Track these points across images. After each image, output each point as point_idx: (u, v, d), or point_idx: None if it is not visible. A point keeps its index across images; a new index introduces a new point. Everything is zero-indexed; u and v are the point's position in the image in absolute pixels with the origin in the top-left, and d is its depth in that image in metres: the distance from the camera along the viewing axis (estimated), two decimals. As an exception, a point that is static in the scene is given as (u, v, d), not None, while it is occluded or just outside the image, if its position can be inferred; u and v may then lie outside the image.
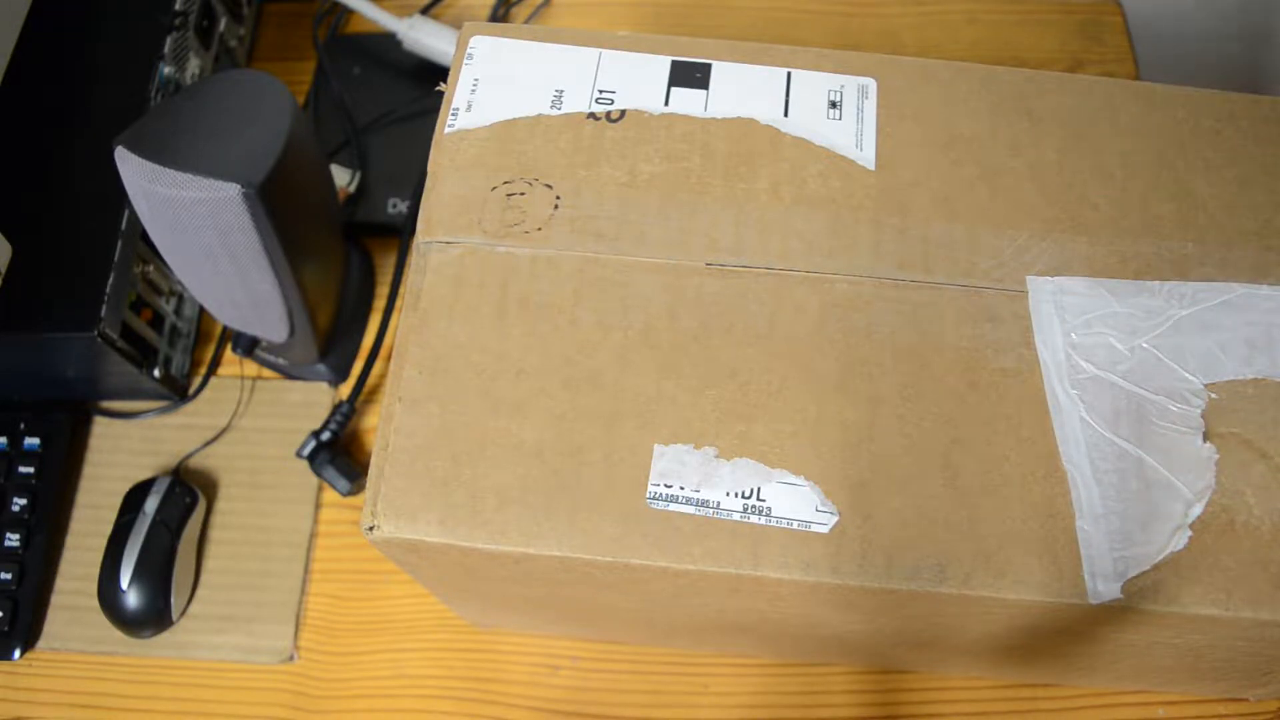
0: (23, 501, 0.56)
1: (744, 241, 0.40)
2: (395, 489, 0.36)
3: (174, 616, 0.55)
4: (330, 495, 0.58)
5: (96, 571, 0.54)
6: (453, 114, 0.42)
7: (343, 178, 0.64)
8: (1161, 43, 0.74)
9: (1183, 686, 0.51)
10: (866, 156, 0.42)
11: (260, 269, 0.49)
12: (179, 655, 0.55)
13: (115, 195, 0.52)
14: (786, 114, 0.42)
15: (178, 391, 0.60)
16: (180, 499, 0.55)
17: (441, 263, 0.40)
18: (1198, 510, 0.36)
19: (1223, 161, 0.42)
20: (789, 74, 0.43)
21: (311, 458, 0.57)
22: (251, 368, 0.61)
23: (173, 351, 0.59)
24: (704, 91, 0.43)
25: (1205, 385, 0.38)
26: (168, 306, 0.59)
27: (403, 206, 0.64)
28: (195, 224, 0.46)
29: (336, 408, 0.58)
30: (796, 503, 0.36)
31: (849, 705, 0.53)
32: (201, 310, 0.63)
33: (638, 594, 0.40)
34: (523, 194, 0.41)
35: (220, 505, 0.58)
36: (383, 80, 0.68)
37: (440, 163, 0.42)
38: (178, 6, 0.59)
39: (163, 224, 0.48)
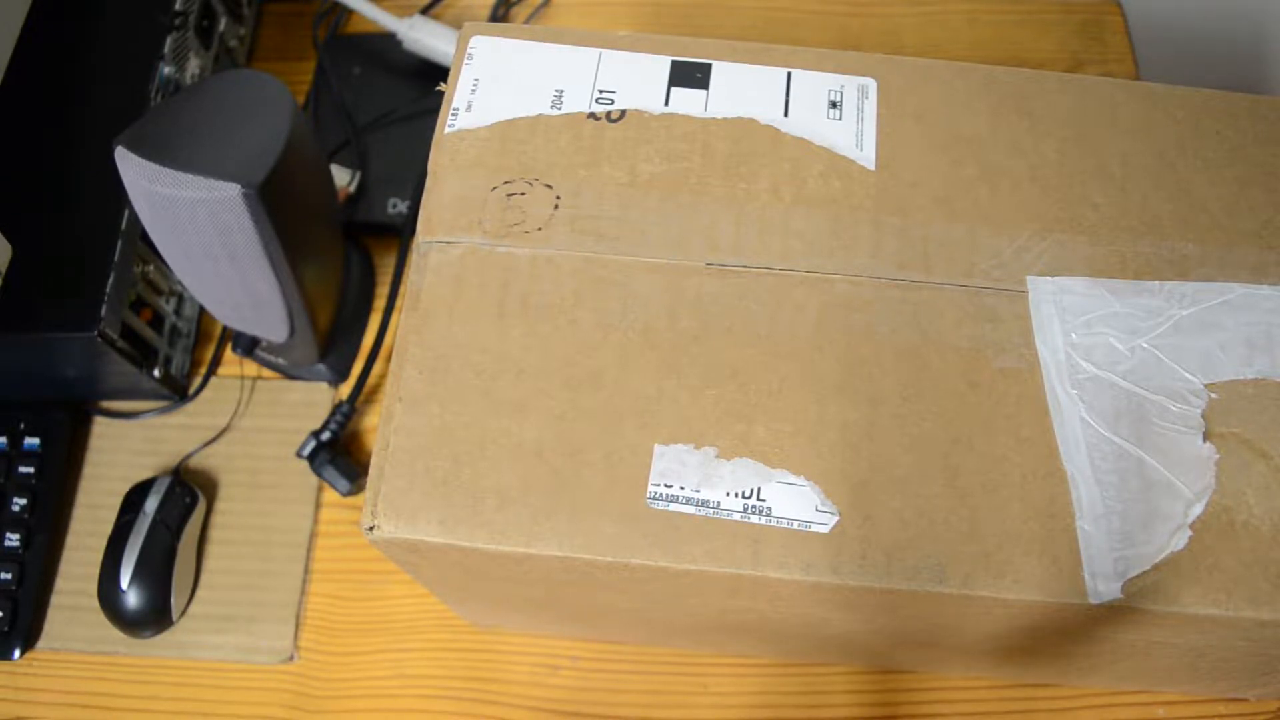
0: (23, 501, 0.56)
1: (744, 242, 0.40)
2: (395, 489, 0.36)
3: (174, 616, 0.55)
4: (330, 495, 0.58)
5: (96, 571, 0.54)
6: (453, 114, 0.42)
7: (343, 178, 0.64)
8: (1161, 43, 0.74)
9: (1183, 686, 0.51)
10: (866, 156, 0.42)
11: (260, 269, 0.49)
12: (179, 655, 0.55)
13: (115, 195, 0.52)
14: (786, 114, 0.42)
15: (178, 391, 0.60)
16: (180, 499, 0.55)
17: (441, 263, 0.40)
18: (1198, 510, 0.36)
19: (1223, 161, 0.42)
20: (789, 74, 0.43)
21: (311, 458, 0.57)
22: (251, 368, 0.61)
23: (173, 351, 0.59)
24: (704, 91, 0.43)
25: (1205, 385, 0.38)
26: (168, 306, 0.59)
27: (403, 206, 0.64)
28: (195, 224, 0.46)
29: (336, 408, 0.58)
30: (796, 503, 0.36)
31: (849, 705, 0.53)
32: (201, 310, 0.63)
33: (638, 594, 0.40)
34: (523, 194, 0.41)
35: (220, 505, 0.58)
36: (383, 80, 0.68)
37: (440, 163, 0.42)
38: (178, 6, 0.59)
39: (163, 224, 0.48)
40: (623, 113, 0.42)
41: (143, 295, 0.56)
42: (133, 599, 0.53)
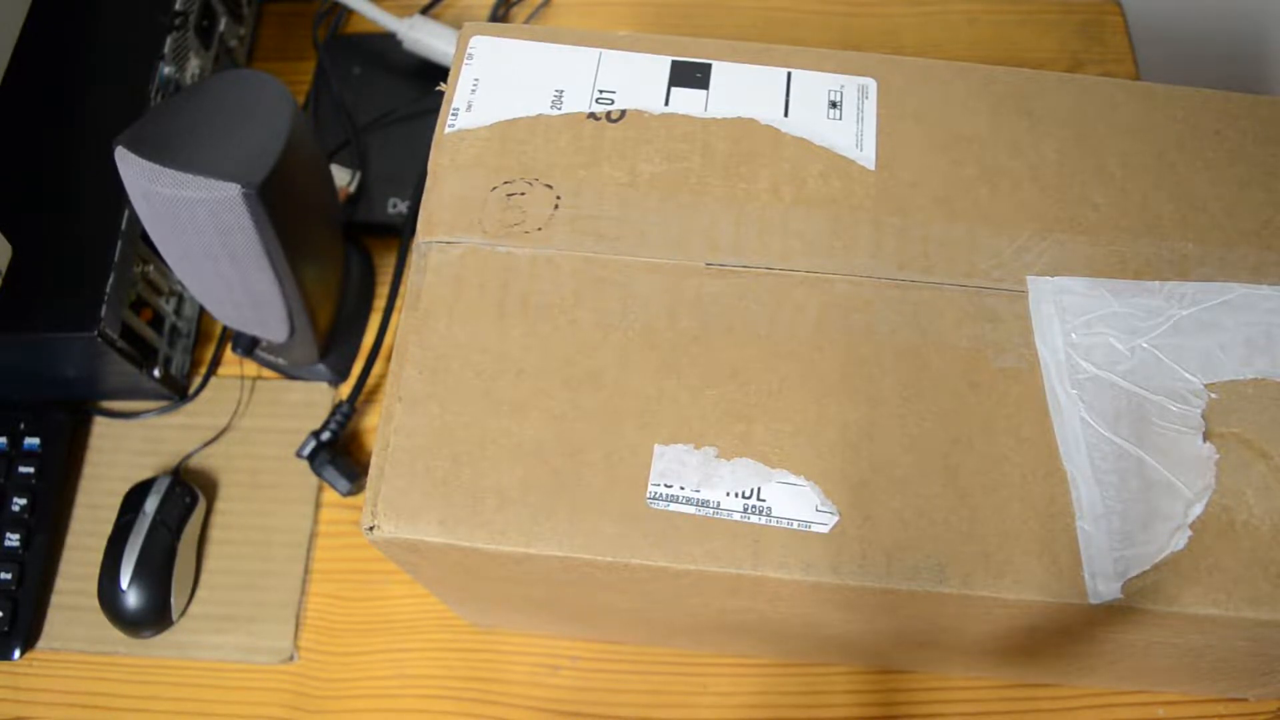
0: (23, 501, 0.56)
1: (744, 241, 0.40)
2: (395, 489, 0.36)
3: (174, 616, 0.55)
4: (330, 495, 0.58)
5: (96, 571, 0.54)
6: (453, 114, 0.42)
7: (343, 178, 0.64)
8: (1161, 43, 0.74)
9: (1183, 686, 0.51)
10: (866, 156, 0.42)
11: (260, 269, 0.49)
12: (179, 655, 0.55)
13: (115, 195, 0.52)
14: (786, 114, 0.42)
15: (178, 391, 0.60)
16: (180, 499, 0.55)
17: (441, 263, 0.40)
18: (1198, 510, 0.36)
19: (1223, 161, 0.42)
20: (789, 74, 0.43)
21: (311, 458, 0.57)
22: (251, 368, 0.61)
23: (173, 351, 0.59)
24: (704, 91, 0.43)
25: (1205, 385, 0.38)
26: (168, 306, 0.59)
27: (403, 206, 0.64)
28: (195, 224, 0.46)
29: (336, 408, 0.58)
30: (796, 503, 0.36)
31: (849, 705, 0.53)
32: (201, 310, 0.63)
33: (638, 594, 0.40)
34: (523, 194, 0.41)
35: (220, 505, 0.58)
36: (383, 80, 0.68)
37: (440, 163, 0.42)
38: (178, 6, 0.59)
39: (163, 224, 0.48)
40: (623, 113, 0.42)
41: (143, 295, 0.56)
42: (133, 599, 0.53)
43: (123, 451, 0.59)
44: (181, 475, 0.58)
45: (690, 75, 0.43)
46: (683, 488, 0.36)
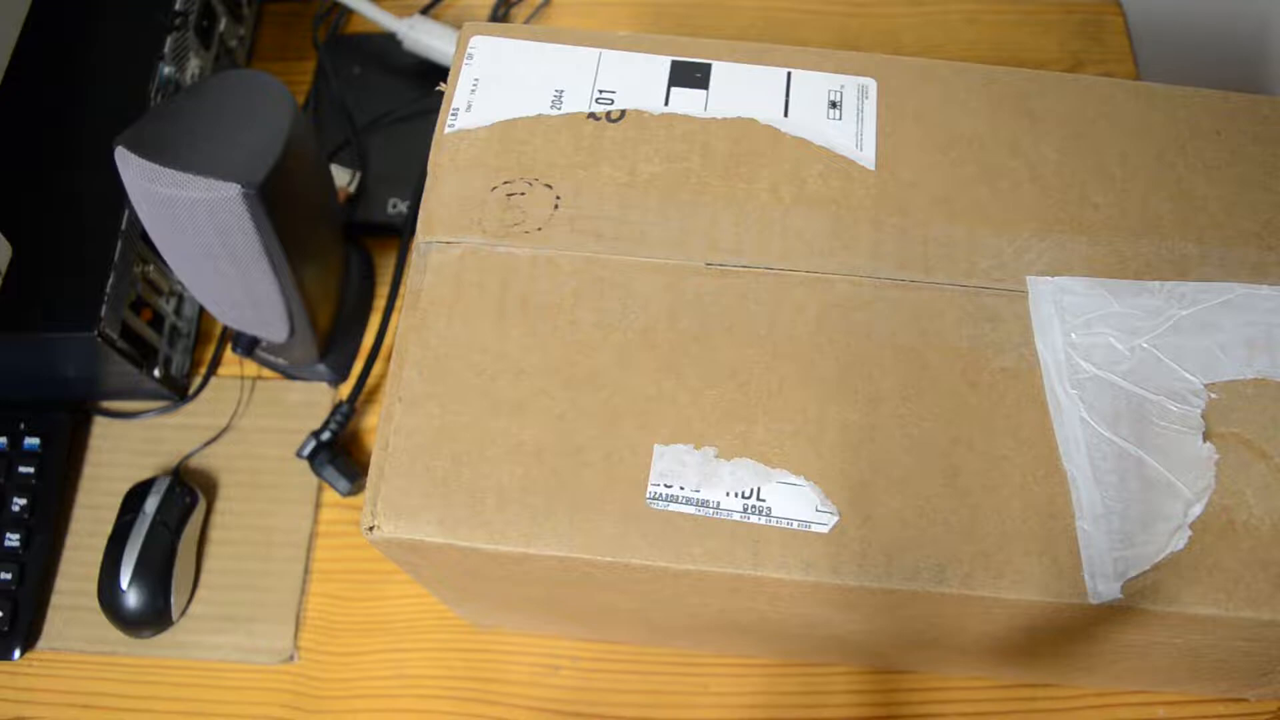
0: (23, 501, 0.56)
1: (744, 242, 0.40)
2: (395, 489, 0.36)
3: (174, 616, 0.55)
4: (330, 495, 0.58)
5: (96, 571, 0.54)
6: (453, 114, 0.42)
7: (343, 178, 0.64)
8: (1161, 43, 0.74)
9: (1183, 686, 0.51)
10: (866, 156, 0.42)
11: (260, 269, 0.49)
12: (179, 655, 0.55)
13: (115, 195, 0.52)
14: (786, 114, 0.42)
15: (178, 391, 0.60)
16: (180, 499, 0.55)
17: (441, 263, 0.40)
18: (1198, 510, 0.36)
19: (1223, 161, 0.42)
20: (789, 74, 0.43)
21: (311, 458, 0.57)
22: (251, 368, 0.61)
23: (173, 351, 0.59)
24: (704, 91, 0.43)
25: (1205, 385, 0.38)
26: (168, 306, 0.59)
27: (403, 206, 0.64)
28: (195, 224, 0.46)
29: (336, 408, 0.58)
30: (796, 503, 0.36)
31: (849, 705, 0.53)
32: (201, 310, 0.63)
33: (638, 594, 0.40)
34: (523, 194, 0.41)
35: (220, 505, 0.58)
36: (383, 80, 0.68)
37: (440, 163, 0.42)
38: (178, 6, 0.59)
39: (163, 224, 0.48)
40: (623, 113, 0.42)
41: (143, 295, 0.56)
42: (133, 599, 0.53)
43: (123, 451, 0.59)
44: (181, 475, 0.58)
45: (690, 75, 0.43)
46: (682, 488, 0.36)
